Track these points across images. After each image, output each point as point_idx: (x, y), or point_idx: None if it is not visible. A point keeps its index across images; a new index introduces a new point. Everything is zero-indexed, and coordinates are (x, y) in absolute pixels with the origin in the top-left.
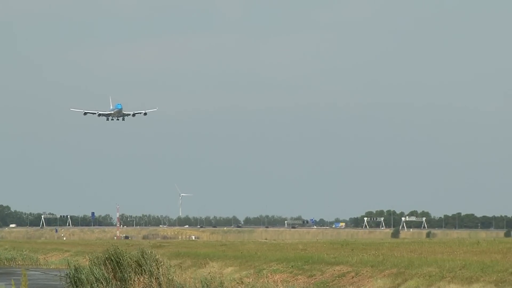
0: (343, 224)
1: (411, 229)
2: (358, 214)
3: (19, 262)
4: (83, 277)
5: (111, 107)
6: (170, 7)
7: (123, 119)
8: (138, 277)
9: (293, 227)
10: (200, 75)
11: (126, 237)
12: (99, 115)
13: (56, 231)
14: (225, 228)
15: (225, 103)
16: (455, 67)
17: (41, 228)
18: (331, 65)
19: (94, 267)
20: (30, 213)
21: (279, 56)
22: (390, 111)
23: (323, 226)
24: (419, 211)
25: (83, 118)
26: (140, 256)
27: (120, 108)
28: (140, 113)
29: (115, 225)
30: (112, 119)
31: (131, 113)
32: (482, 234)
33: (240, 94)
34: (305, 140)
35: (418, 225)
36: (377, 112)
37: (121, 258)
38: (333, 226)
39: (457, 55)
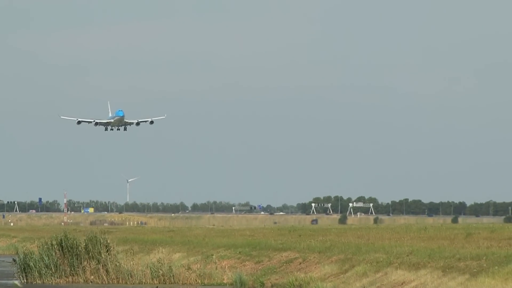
0: (92, 209)
1: (358, 215)
2: (306, 200)
3: None
4: (31, 263)
5: (110, 115)
6: None
7: (125, 129)
8: (87, 262)
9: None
10: (146, 57)
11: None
12: (96, 124)
13: (3, 217)
14: (172, 214)
15: (173, 86)
16: (395, 50)
17: None
18: (274, 46)
19: (44, 252)
20: None
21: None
22: (335, 94)
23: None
24: (366, 197)
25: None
26: (88, 242)
27: (122, 115)
28: (146, 121)
29: (63, 211)
30: (112, 129)
31: (135, 121)
32: (429, 220)
33: (187, 76)
34: (251, 125)
35: (365, 211)
36: (323, 95)
37: (71, 244)
38: (83, 211)
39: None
